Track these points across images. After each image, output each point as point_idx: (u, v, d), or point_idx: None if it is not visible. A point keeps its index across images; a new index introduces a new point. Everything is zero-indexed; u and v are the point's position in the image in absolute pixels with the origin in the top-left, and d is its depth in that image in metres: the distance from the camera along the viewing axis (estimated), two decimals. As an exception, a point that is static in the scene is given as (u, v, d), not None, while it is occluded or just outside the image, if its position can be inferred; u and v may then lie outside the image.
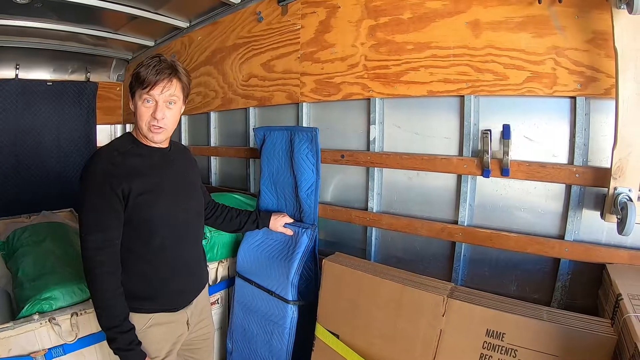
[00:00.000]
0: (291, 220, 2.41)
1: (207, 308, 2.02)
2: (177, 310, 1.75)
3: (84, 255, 1.50)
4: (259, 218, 2.33)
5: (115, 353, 1.55)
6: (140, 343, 1.58)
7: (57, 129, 4.58)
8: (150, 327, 1.66)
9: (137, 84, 1.55)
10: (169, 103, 1.60)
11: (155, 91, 1.55)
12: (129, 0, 3.16)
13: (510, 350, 1.47)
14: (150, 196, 1.59)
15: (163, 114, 1.58)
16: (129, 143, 1.65)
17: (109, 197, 1.50)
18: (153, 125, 1.59)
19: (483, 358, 1.52)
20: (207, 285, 1.99)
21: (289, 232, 2.36)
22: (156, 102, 1.57)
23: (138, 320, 1.62)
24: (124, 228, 1.57)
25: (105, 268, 1.50)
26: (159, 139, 1.65)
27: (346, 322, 1.99)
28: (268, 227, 2.37)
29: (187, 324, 1.81)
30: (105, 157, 1.55)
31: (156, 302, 1.68)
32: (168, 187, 1.68)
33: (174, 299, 1.74)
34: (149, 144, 1.67)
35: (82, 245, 1.51)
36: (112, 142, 1.68)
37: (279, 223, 2.37)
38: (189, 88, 1.71)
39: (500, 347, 1.49)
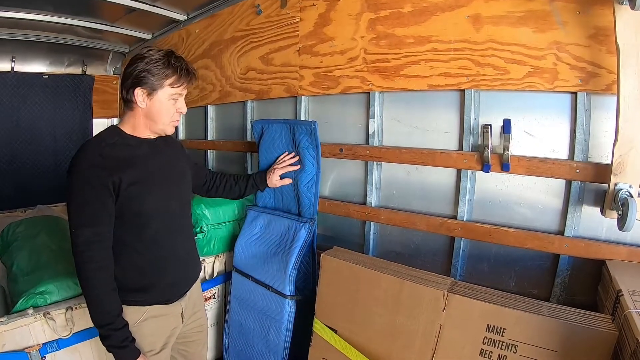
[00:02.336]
0: (283, 166, 2.39)
1: (200, 300, 2.02)
2: (172, 303, 1.74)
3: (74, 251, 1.48)
4: (258, 182, 2.36)
5: (108, 350, 1.53)
6: (134, 340, 1.56)
7: (53, 123, 4.53)
8: (144, 320, 1.64)
9: (169, 81, 1.56)
10: None
11: (184, 89, 1.61)
12: (126, -8, 3.13)
13: (510, 345, 1.46)
14: (141, 187, 1.58)
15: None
16: (115, 135, 1.62)
17: (98, 190, 1.47)
18: (175, 120, 1.64)
19: (483, 353, 1.52)
20: (200, 276, 1.98)
21: (287, 181, 2.37)
22: (180, 96, 1.63)
23: (132, 313, 1.61)
24: (116, 220, 1.55)
25: (96, 263, 1.48)
26: (172, 132, 1.71)
27: (344, 317, 1.99)
28: (268, 186, 2.37)
29: (182, 316, 1.80)
30: (94, 149, 1.52)
31: (150, 295, 1.66)
32: (158, 177, 1.67)
33: (168, 290, 1.73)
34: (136, 135, 1.65)
35: (72, 241, 1.48)
36: (98, 134, 1.64)
37: (275, 179, 2.36)
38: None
39: (500, 343, 1.49)
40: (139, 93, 1.55)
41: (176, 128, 3.84)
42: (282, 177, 2.37)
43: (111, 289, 1.52)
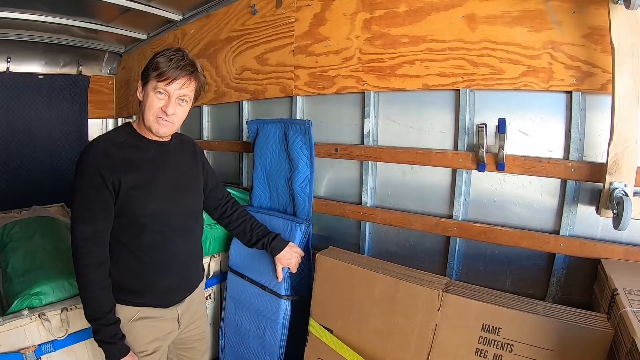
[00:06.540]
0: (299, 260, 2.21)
1: (201, 307, 1.99)
2: (167, 307, 1.72)
3: (72, 246, 1.49)
4: (271, 245, 2.11)
5: (99, 345, 1.53)
6: (124, 337, 1.56)
7: (48, 123, 4.54)
8: (137, 320, 1.64)
9: (155, 73, 1.52)
10: (181, 100, 1.58)
11: (172, 86, 1.53)
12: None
13: (506, 345, 1.46)
14: (142, 192, 1.57)
15: (174, 109, 1.56)
16: (126, 134, 1.62)
17: (99, 189, 1.48)
18: (160, 117, 1.56)
19: (479, 353, 1.52)
20: (202, 283, 1.95)
21: (279, 276, 2.19)
22: (169, 96, 1.54)
23: (125, 312, 1.60)
24: (116, 221, 1.55)
25: (91, 260, 1.49)
26: (164, 132, 1.61)
27: (340, 317, 1.98)
28: (275, 256, 2.14)
29: (178, 321, 1.78)
30: (99, 148, 1.53)
31: (144, 297, 1.65)
32: (162, 183, 1.64)
33: (163, 295, 1.71)
34: (147, 136, 1.64)
35: (71, 236, 1.50)
36: (109, 131, 1.67)
37: (287, 261, 2.15)
38: (203, 89, 1.68)
39: (496, 342, 1.48)
40: (138, 84, 1.59)
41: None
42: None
43: (105, 286, 1.52)
